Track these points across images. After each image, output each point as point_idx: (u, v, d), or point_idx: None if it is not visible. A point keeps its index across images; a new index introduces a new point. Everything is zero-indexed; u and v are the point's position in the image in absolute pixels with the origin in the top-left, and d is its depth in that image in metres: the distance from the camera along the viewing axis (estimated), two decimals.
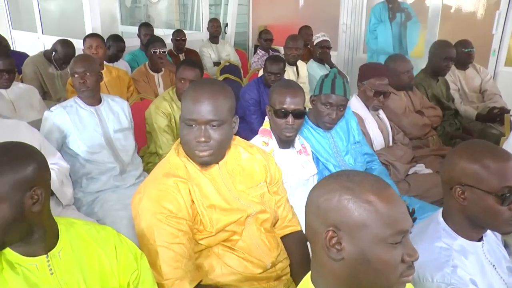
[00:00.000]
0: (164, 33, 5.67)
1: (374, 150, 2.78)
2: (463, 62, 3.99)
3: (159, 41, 3.98)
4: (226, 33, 6.66)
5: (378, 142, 2.89)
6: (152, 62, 4.01)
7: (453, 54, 3.63)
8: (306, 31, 5.48)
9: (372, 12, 5.10)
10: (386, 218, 0.94)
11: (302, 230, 1.83)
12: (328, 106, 2.32)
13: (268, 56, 4.61)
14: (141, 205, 1.50)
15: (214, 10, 7.24)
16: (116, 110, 2.67)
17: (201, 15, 6.54)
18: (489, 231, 1.47)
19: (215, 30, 5.65)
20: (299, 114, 2.05)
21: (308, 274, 1.08)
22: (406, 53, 5.03)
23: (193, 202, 1.54)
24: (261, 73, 4.04)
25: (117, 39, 4.33)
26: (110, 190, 2.53)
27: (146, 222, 1.48)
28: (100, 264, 1.30)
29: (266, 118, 2.19)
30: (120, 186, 2.57)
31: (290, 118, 2.03)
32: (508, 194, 1.28)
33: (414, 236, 1.43)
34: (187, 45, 5.31)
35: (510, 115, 3.49)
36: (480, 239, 1.41)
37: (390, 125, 3.03)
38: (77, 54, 3.15)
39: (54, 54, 3.90)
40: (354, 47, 6.03)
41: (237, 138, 1.76)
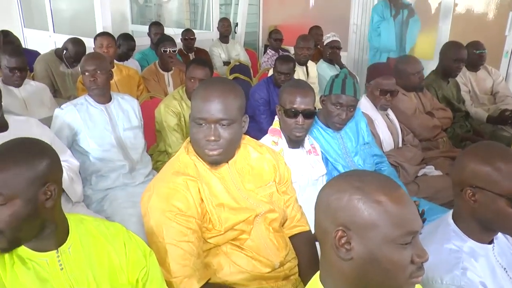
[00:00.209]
0: (174, 32, 5.69)
1: (384, 151, 2.77)
2: (474, 63, 3.95)
3: (169, 40, 4.00)
4: (236, 32, 6.66)
5: (387, 143, 2.88)
6: (162, 61, 4.03)
7: (464, 56, 3.59)
8: (316, 31, 5.46)
9: (373, 10, 5.05)
10: (396, 219, 0.93)
11: (310, 230, 1.82)
12: (338, 107, 2.32)
13: (278, 56, 4.61)
14: (150, 203, 1.51)
15: (225, 10, 7.26)
16: (126, 109, 2.69)
17: (211, 15, 6.55)
18: (500, 234, 1.46)
19: (225, 30, 5.65)
20: (309, 114, 2.05)
21: (316, 274, 1.08)
22: (404, 51, 4.98)
23: (202, 200, 1.54)
24: (270, 73, 4.03)
25: (127, 38, 4.35)
26: (119, 188, 2.55)
27: (155, 220, 1.48)
28: (109, 260, 1.31)
29: (276, 118, 2.19)
30: (129, 184, 2.58)
31: (300, 118, 2.03)
32: None
33: (424, 237, 1.41)
34: (197, 44, 5.32)
35: None
36: (491, 242, 1.39)
37: (400, 126, 3.01)
38: (87, 52, 3.18)
39: (65, 52, 3.94)
40: (364, 48, 5.98)
41: (246, 137, 1.76)
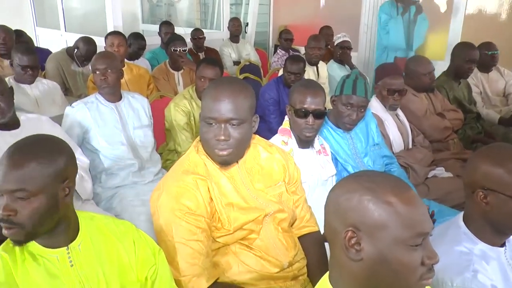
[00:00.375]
0: (185, 31, 5.68)
1: (394, 153, 2.75)
2: (486, 64, 3.91)
3: (180, 39, 4.01)
4: (246, 32, 6.67)
5: (397, 144, 2.86)
6: (172, 60, 4.04)
7: (476, 57, 3.56)
8: (327, 31, 5.45)
9: (381, 9, 5.01)
10: (406, 220, 0.93)
11: (319, 231, 1.82)
12: (348, 107, 2.31)
13: (288, 56, 4.60)
14: (160, 201, 1.51)
15: (235, 9, 7.25)
16: (136, 107, 2.70)
17: (221, 14, 6.57)
18: None
19: (236, 29, 5.66)
20: (320, 114, 2.04)
21: (326, 275, 1.07)
22: (412, 49, 4.94)
23: (211, 199, 1.54)
24: (281, 72, 4.03)
25: (138, 37, 4.37)
26: (128, 186, 2.56)
27: (165, 219, 1.49)
28: (118, 257, 1.32)
29: (286, 118, 2.18)
30: (138, 182, 2.59)
31: (310, 118, 2.03)
32: None
33: (434, 239, 1.40)
34: (208, 44, 5.32)
35: None
36: (503, 245, 1.38)
37: (410, 127, 2.99)
38: (98, 51, 3.20)
39: (76, 51, 3.96)
40: (375, 48, 5.95)
41: (256, 137, 1.75)
